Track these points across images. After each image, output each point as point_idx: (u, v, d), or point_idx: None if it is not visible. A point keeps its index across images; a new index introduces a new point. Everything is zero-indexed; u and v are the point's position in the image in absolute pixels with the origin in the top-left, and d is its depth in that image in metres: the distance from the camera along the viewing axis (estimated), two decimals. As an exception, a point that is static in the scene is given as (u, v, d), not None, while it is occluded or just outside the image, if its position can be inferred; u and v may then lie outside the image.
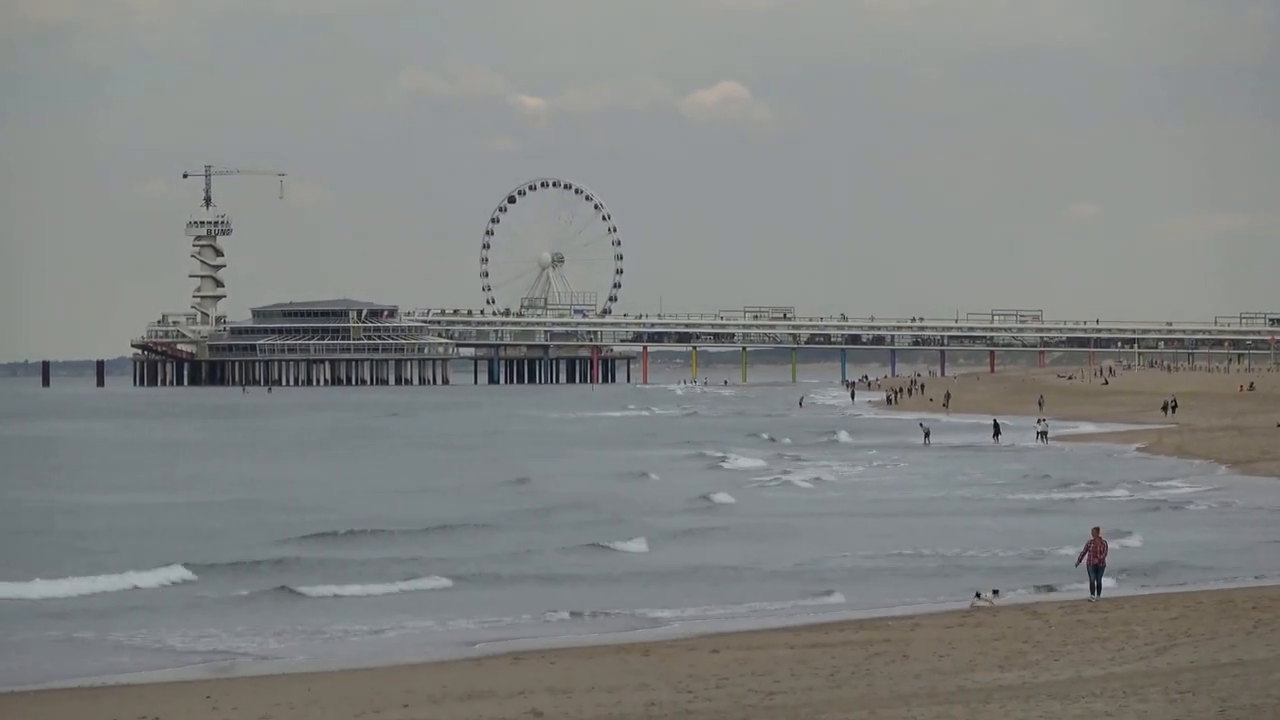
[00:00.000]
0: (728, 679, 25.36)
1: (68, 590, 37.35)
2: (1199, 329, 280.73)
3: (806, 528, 51.38)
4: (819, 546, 46.22)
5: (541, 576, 40.73)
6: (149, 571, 39.62)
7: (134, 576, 39.01)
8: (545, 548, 46.30)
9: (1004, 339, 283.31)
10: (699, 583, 39.50)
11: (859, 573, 40.99)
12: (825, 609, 35.38)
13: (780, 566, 42.11)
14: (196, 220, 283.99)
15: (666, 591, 38.05)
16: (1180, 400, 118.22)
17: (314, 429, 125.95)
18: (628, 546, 46.00)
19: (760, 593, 37.60)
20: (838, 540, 47.66)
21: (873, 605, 35.40)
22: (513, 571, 41.55)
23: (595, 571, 41.68)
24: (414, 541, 48.04)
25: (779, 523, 52.94)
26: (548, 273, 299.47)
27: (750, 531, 50.61)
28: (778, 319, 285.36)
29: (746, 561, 43.14)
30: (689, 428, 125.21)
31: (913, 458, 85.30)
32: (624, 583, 39.74)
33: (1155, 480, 67.10)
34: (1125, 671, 24.46)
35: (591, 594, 37.60)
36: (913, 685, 24.14)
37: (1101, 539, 35.35)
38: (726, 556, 44.24)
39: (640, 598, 36.91)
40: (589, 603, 35.97)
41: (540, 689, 25.20)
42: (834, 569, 41.72)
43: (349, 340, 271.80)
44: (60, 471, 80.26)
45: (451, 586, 38.90)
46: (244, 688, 26.67)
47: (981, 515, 54.84)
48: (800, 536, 49.09)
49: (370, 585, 38.55)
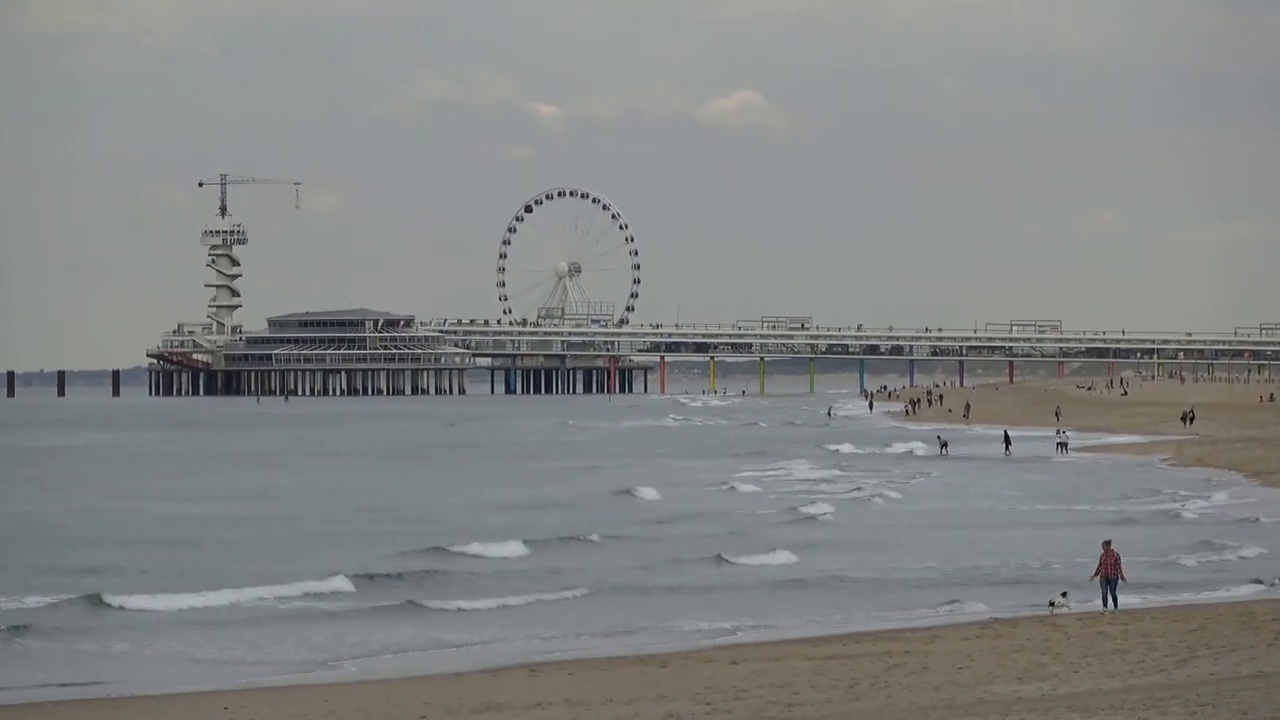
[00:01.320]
0: (746, 690, 25.27)
1: (251, 598, 37.77)
2: (1218, 340, 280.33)
3: (915, 538, 51.59)
4: (932, 556, 46.74)
5: (709, 587, 41.09)
6: (318, 581, 40.03)
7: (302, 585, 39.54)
8: (690, 557, 46.42)
9: (1023, 349, 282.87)
10: (862, 592, 39.87)
11: (989, 580, 41.57)
12: (846, 621, 35.37)
13: (910, 576, 42.63)
14: (212, 229, 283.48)
15: (839, 599, 38.58)
16: (1200, 411, 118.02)
17: (380, 440, 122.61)
18: (772, 559, 46.16)
19: (918, 601, 37.98)
20: (948, 550, 48.00)
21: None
22: (673, 582, 41.91)
23: (757, 580, 42.22)
24: (557, 552, 48.11)
25: (889, 533, 53.22)
26: (564, 282, 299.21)
27: (870, 542, 50.58)
28: (795, 329, 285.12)
29: (880, 572, 43.36)
30: (755, 438, 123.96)
31: (989, 468, 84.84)
32: (787, 591, 40.22)
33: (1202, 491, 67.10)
34: (1145, 684, 24.35)
35: (770, 603, 38.19)
36: (932, 697, 24.04)
37: (1113, 551, 35.16)
38: (859, 567, 44.48)
39: (822, 607, 37.41)
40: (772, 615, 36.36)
41: (558, 700, 25.14)
42: (964, 576, 42.21)
43: (365, 350, 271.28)
44: (162, 482, 77.57)
45: (606, 596, 39.42)
46: (261, 699, 26.63)
47: (1080, 526, 54.70)
48: (917, 545, 49.55)
49: (525, 595, 39.19)
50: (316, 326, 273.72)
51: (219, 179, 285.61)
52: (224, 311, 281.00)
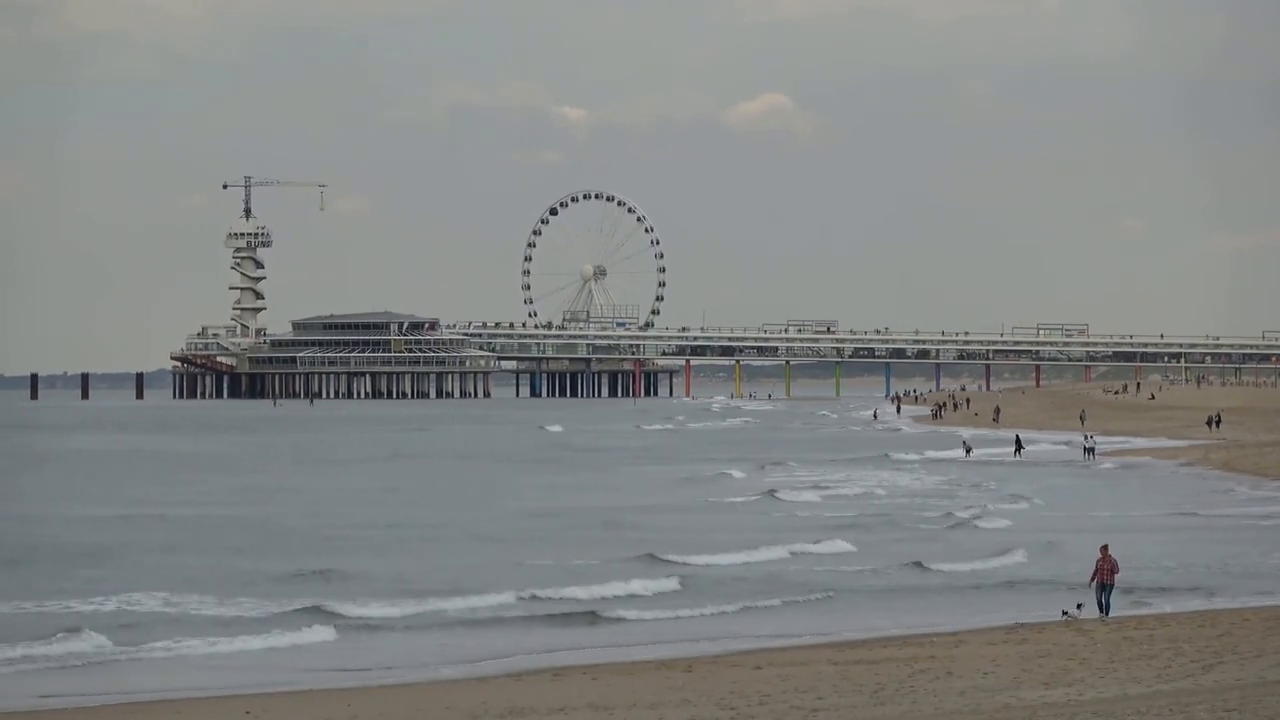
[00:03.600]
0: (770, 695, 25.18)
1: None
2: (1246, 343, 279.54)
3: (1058, 542, 50.92)
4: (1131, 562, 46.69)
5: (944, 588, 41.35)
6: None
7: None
8: (888, 563, 46.25)
9: (1049, 353, 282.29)
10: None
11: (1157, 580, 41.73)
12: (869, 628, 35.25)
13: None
14: (236, 232, 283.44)
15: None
16: (1227, 415, 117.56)
17: (499, 444, 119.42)
18: (1004, 559, 46.13)
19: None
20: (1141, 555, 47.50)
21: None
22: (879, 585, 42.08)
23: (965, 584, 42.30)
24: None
25: (1039, 536, 52.43)
26: (590, 285, 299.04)
27: (1043, 548, 49.80)
28: (821, 332, 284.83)
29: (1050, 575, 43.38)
30: (849, 440, 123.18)
31: (1077, 474, 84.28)
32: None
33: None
34: (1171, 689, 24.22)
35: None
36: (957, 703, 23.92)
37: (1110, 557, 34.82)
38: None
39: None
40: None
41: (581, 705, 25.06)
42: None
43: (390, 353, 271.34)
44: (280, 493, 73.74)
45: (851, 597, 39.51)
46: (284, 703, 26.58)
47: (1203, 531, 54.56)
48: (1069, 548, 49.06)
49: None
50: (341, 329, 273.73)
51: (243, 181, 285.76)
52: (248, 314, 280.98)
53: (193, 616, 35.94)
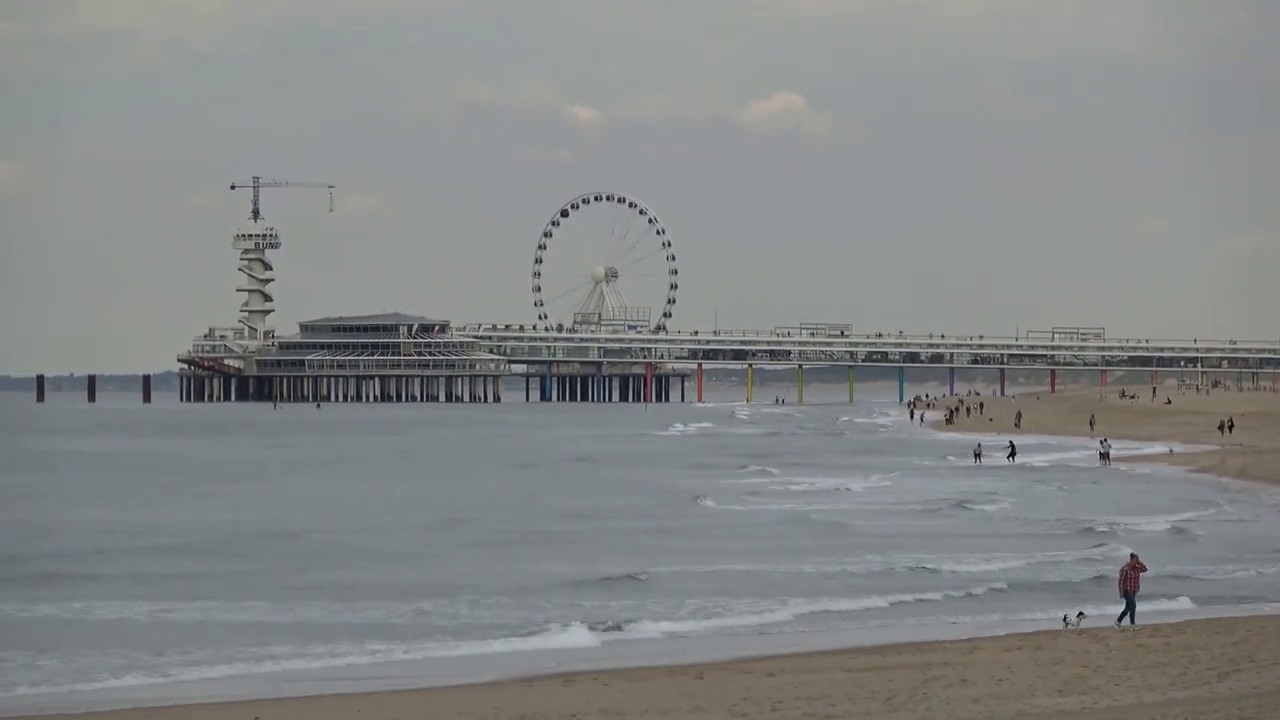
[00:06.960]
0: (782, 702, 25.04)
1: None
2: (1265, 348, 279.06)
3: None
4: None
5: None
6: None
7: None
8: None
9: (1065, 358, 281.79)
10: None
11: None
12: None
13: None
14: (244, 233, 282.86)
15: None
16: (1242, 421, 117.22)
17: (520, 450, 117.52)
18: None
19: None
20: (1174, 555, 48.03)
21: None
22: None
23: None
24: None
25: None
26: (601, 288, 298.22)
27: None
28: (834, 336, 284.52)
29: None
30: (913, 446, 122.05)
31: (1096, 477, 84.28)
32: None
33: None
34: (1186, 697, 24.07)
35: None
36: (971, 710, 23.78)
37: (1139, 563, 34.60)
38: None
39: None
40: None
41: (593, 710, 24.94)
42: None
43: (399, 356, 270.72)
44: (341, 503, 70.15)
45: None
46: (293, 708, 26.48)
47: (1211, 538, 54.22)
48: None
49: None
50: (350, 332, 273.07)
51: (252, 181, 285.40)
52: (256, 316, 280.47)
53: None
